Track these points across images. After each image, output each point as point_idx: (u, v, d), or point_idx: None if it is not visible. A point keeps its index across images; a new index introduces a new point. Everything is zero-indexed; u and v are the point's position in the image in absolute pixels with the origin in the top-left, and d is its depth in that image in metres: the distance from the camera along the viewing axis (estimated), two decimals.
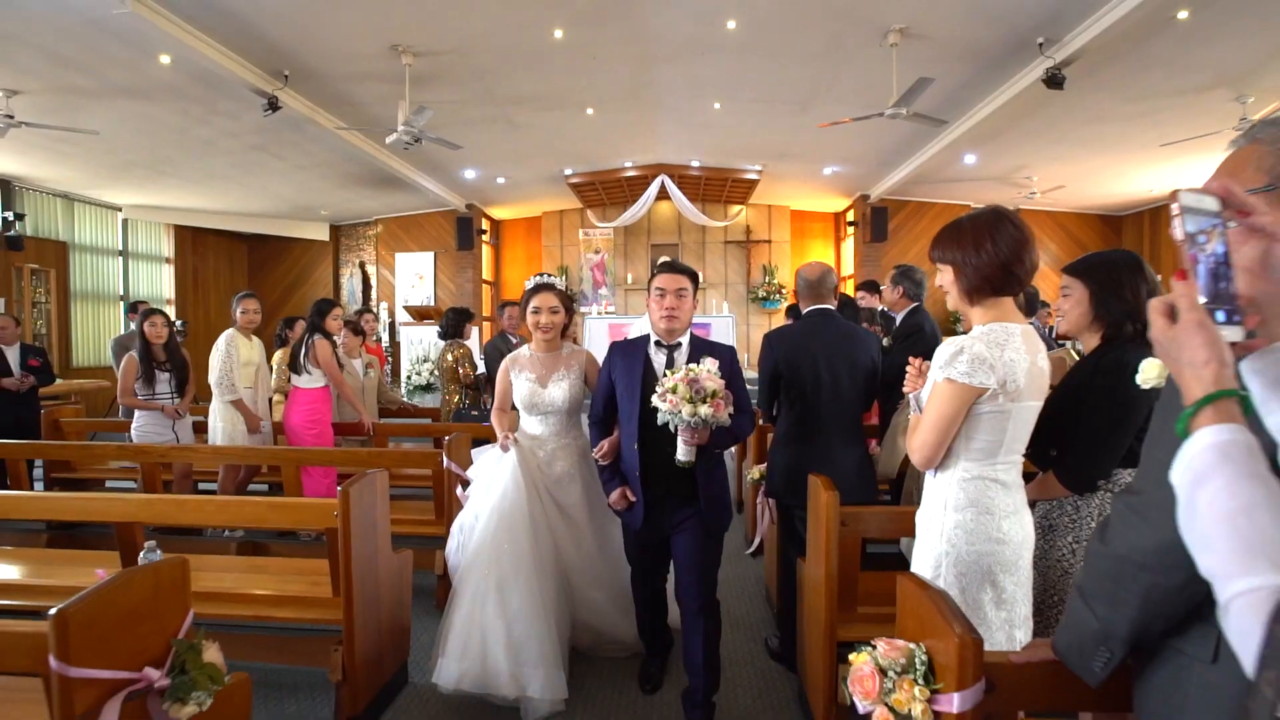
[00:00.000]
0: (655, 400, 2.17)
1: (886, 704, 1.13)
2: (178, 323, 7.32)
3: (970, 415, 1.59)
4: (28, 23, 5.04)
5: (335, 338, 4.23)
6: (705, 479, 2.33)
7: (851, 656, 1.23)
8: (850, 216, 11.91)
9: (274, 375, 4.89)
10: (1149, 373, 1.50)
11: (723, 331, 10.45)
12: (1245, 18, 5.30)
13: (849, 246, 12.10)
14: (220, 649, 1.43)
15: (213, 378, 4.10)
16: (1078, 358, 2.11)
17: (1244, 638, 0.55)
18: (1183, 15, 5.30)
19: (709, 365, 2.19)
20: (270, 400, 4.57)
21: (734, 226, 12.12)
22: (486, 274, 12.56)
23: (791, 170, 10.36)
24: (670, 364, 2.35)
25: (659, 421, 2.17)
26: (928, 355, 1.71)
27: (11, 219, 8.38)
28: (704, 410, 2.10)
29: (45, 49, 5.46)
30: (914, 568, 1.66)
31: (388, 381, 6.92)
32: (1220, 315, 0.67)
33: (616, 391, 2.43)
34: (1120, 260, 1.84)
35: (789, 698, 2.60)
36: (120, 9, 4.73)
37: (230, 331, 4.18)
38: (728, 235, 12.19)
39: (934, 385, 1.62)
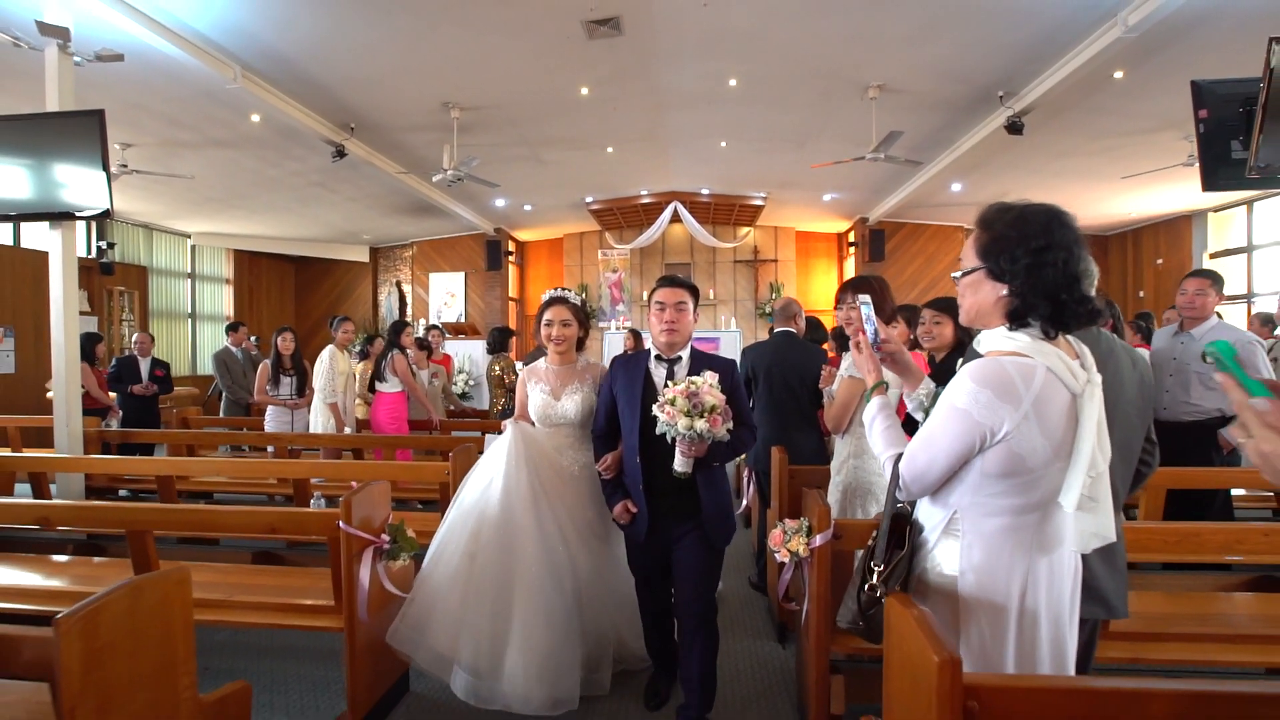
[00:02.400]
0: (655, 410, 2.17)
1: (787, 548, 2.09)
2: (252, 338, 8.45)
3: (861, 398, 2.55)
4: (154, 95, 6.18)
5: (409, 351, 5.26)
6: (706, 490, 2.32)
7: (772, 530, 2.19)
8: (851, 237, 12.78)
9: (357, 382, 5.93)
10: None
11: (730, 346, 11.35)
12: (1171, 77, 6.12)
13: (850, 265, 12.97)
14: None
15: (317, 384, 5.17)
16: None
17: (888, 476, 1.50)
18: (1118, 75, 6.21)
19: (710, 379, 2.17)
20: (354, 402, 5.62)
21: (742, 247, 13.06)
22: (513, 292, 13.60)
23: (794, 197, 11.30)
24: (670, 377, 2.34)
25: (657, 431, 2.18)
26: None
27: (104, 247, 9.60)
28: (700, 425, 2.10)
29: (162, 113, 6.61)
30: (829, 494, 2.62)
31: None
32: (878, 353, 1.63)
33: (618, 405, 2.44)
34: None
35: (762, 610, 3.59)
36: (232, 84, 5.84)
37: (331, 347, 5.24)
38: (736, 255, 13.11)
39: (840, 380, 2.59)
